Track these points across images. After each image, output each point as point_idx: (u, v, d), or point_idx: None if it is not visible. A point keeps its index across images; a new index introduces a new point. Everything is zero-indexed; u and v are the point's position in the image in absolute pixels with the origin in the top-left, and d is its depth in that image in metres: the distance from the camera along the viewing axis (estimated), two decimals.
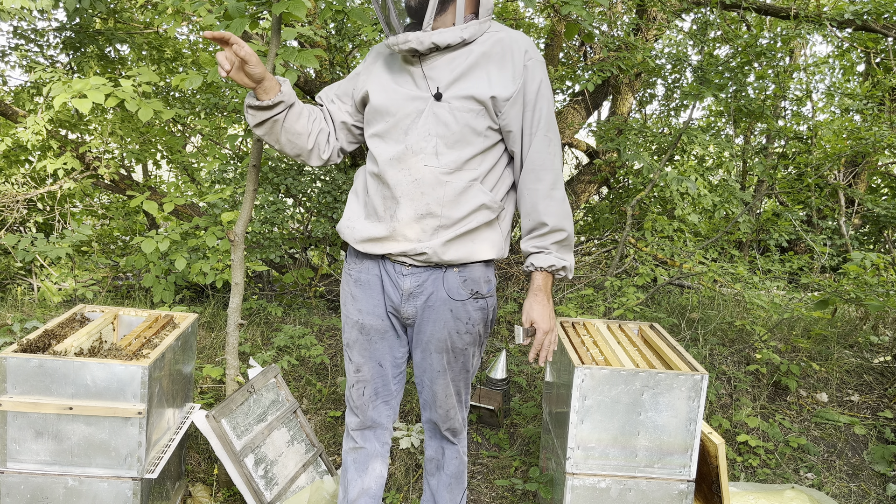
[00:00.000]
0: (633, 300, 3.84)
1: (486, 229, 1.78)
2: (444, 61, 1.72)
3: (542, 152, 1.74)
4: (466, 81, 1.71)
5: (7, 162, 5.41)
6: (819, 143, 6.03)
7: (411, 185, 1.72)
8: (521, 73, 1.72)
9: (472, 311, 1.82)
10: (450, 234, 1.74)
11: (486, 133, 1.73)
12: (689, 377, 2.01)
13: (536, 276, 1.77)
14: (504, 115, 1.73)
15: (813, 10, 5.26)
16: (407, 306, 1.83)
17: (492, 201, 1.75)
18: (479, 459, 2.96)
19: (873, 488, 2.91)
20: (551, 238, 1.75)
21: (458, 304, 1.80)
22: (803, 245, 6.15)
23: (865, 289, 3.42)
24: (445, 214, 1.72)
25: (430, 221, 1.73)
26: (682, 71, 6.13)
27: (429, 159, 1.71)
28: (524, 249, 1.78)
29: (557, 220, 1.74)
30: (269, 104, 1.74)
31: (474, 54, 1.71)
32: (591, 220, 6.53)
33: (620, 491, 2.06)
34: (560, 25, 5.97)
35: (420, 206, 1.72)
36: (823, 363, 3.71)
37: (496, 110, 1.72)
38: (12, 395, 1.87)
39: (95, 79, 3.48)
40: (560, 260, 1.76)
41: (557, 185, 1.75)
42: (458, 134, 1.70)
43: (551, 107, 1.77)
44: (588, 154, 6.17)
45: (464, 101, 1.69)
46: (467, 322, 1.82)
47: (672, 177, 4.90)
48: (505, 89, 1.70)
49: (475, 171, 1.74)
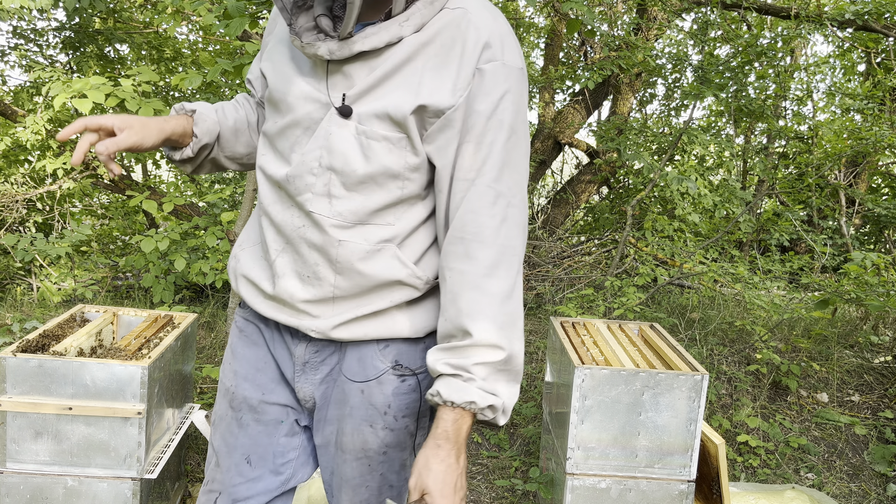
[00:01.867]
0: (633, 300, 3.84)
1: (406, 310, 1.19)
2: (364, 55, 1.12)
3: (480, 212, 1.08)
4: (387, 89, 1.09)
5: (6, 162, 5.41)
6: (820, 143, 6.03)
7: (296, 233, 1.17)
8: (469, 80, 1.07)
9: (391, 394, 1.20)
10: (347, 313, 1.17)
11: (406, 175, 1.12)
12: (689, 377, 2.00)
13: (444, 414, 1.07)
14: (431, 140, 1.10)
15: (813, 10, 5.26)
16: (301, 382, 1.25)
17: (412, 277, 1.16)
18: (479, 459, 2.95)
19: (874, 488, 2.91)
20: (477, 356, 1.07)
21: (373, 384, 1.20)
22: (804, 245, 6.15)
23: (866, 289, 3.42)
24: (340, 285, 1.16)
25: (317, 287, 1.17)
26: (683, 71, 6.13)
27: (317, 202, 1.13)
28: (430, 364, 1.11)
29: (490, 329, 1.07)
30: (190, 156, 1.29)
31: (407, 45, 1.09)
32: (591, 220, 6.53)
33: (620, 491, 2.06)
34: (560, 25, 5.97)
35: (306, 264, 1.17)
36: (824, 363, 3.71)
37: (422, 131, 1.10)
38: (12, 396, 1.87)
39: (95, 78, 3.47)
40: (486, 395, 1.07)
41: (501, 271, 1.08)
42: (365, 175, 1.11)
43: (517, 146, 1.11)
44: (588, 154, 6.17)
45: (378, 122, 1.09)
46: (386, 412, 1.20)
47: (672, 177, 4.90)
48: (439, 98, 1.07)
49: (388, 228, 1.14)
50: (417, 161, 1.12)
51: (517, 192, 1.11)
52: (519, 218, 1.11)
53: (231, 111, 1.35)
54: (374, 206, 1.13)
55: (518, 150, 1.12)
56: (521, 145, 1.12)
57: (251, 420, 1.29)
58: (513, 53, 1.11)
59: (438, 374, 1.10)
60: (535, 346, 4.02)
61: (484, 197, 1.08)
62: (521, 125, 1.12)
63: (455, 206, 1.10)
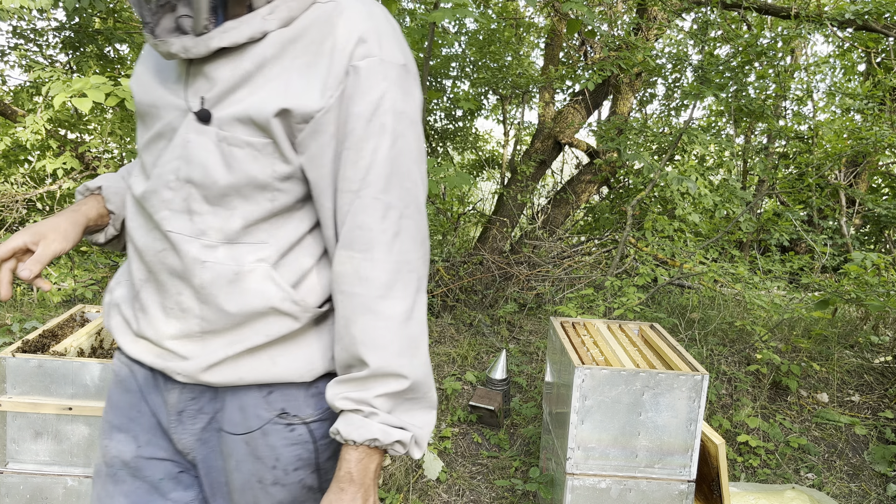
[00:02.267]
0: (633, 300, 3.84)
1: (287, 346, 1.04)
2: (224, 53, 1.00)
3: (369, 228, 0.97)
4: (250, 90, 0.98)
5: (6, 162, 5.41)
6: (820, 143, 6.03)
7: (156, 258, 1.03)
8: (340, 80, 0.96)
9: (280, 445, 1.06)
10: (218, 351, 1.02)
11: (276, 186, 1.00)
12: (689, 377, 2.00)
13: (347, 454, 0.99)
14: (303, 148, 0.98)
15: (814, 9, 5.26)
16: (179, 433, 1.10)
17: (288, 302, 1.01)
18: (479, 459, 2.95)
19: (874, 488, 2.91)
20: (377, 387, 0.97)
21: (257, 436, 1.05)
22: (804, 245, 6.15)
23: (866, 289, 3.42)
24: (208, 317, 1.02)
25: (183, 322, 1.03)
26: (683, 70, 6.13)
27: (176, 220, 1.01)
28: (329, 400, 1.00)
29: (388, 356, 0.96)
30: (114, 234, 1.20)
31: (272, 41, 0.98)
32: (591, 220, 6.53)
33: (621, 491, 2.06)
34: (560, 25, 5.97)
35: (167, 298, 1.03)
36: (824, 363, 3.71)
37: (291, 139, 0.98)
38: (12, 396, 1.87)
39: (95, 78, 3.47)
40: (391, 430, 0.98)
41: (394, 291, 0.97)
42: (227, 186, 0.99)
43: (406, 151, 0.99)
44: (588, 154, 6.17)
45: (241, 126, 0.97)
46: (275, 466, 1.06)
47: (672, 176, 4.90)
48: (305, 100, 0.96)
49: (262, 246, 1.01)
50: (288, 170, 0.99)
51: (410, 202, 1.00)
52: (414, 230, 1.00)
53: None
54: (242, 223, 1.00)
55: (407, 155, 1.00)
56: (409, 149, 1.00)
57: (127, 476, 1.13)
58: (391, 48, 0.99)
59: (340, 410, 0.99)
60: (535, 346, 4.02)
61: (371, 210, 0.97)
62: (407, 127, 0.99)
63: (341, 221, 0.99)
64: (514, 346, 4.02)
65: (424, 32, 4.43)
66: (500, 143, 7.89)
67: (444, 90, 6.88)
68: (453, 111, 7.09)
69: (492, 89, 7.03)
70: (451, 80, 6.97)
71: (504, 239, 5.83)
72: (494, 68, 6.86)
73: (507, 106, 7.50)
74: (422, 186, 1.03)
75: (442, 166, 4.14)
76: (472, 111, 7.05)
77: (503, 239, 5.82)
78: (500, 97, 7.32)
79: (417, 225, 1.01)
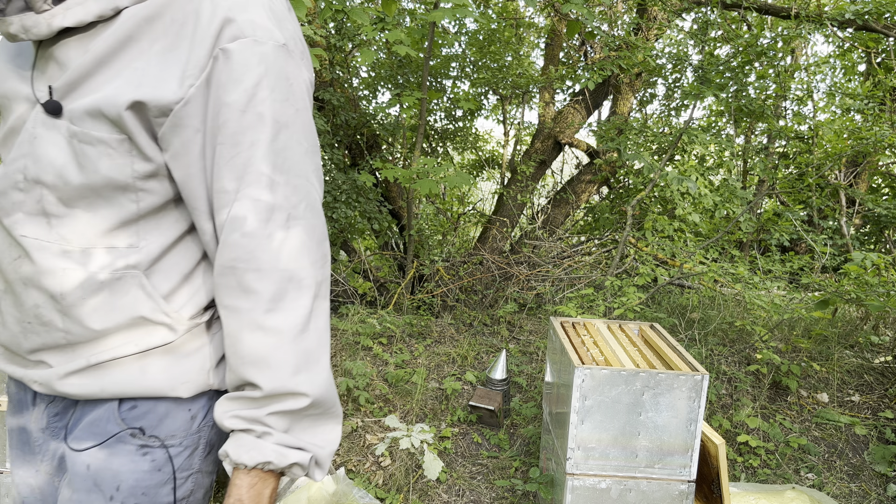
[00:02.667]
0: (633, 300, 3.84)
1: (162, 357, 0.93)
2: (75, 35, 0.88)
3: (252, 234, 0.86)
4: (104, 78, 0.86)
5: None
6: (820, 143, 6.03)
7: (10, 265, 0.92)
8: (203, 65, 0.84)
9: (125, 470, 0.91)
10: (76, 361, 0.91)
11: (139, 186, 0.89)
12: (689, 377, 2.00)
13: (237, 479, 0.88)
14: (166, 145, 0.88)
15: (814, 9, 5.26)
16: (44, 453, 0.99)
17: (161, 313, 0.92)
18: (479, 460, 2.95)
19: (874, 489, 2.91)
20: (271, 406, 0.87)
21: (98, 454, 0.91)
22: (804, 245, 6.15)
23: (866, 289, 3.42)
24: (71, 329, 0.91)
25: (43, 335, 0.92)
26: (683, 70, 6.13)
27: (31, 225, 0.90)
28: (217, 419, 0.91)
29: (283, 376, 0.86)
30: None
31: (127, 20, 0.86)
32: (591, 220, 6.53)
33: (621, 491, 2.06)
34: (560, 25, 5.97)
35: (26, 306, 0.92)
36: (824, 363, 3.71)
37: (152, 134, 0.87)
38: None
39: None
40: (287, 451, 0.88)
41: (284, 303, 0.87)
42: (82, 187, 0.87)
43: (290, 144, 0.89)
44: (588, 154, 6.17)
45: (91, 121, 0.85)
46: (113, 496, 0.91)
47: (672, 176, 4.90)
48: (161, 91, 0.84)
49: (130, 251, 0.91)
50: (149, 168, 0.88)
51: (300, 201, 0.89)
52: (307, 232, 0.88)
53: None
54: (105, 225, 0.89)
55: (293, 148, 0.89)
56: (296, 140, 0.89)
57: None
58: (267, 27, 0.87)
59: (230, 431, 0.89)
60: (535, 346, 4.02)
61: (253, 214, 0.85)
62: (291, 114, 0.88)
63: (219, 226, 0.87)
64: (514, 346, 4.03)
65: (424, 32, 4.43)
66: (500, 143, 7.90)
67: (444, 90, 6.88)
68: (453, 111, 7.09)
69: (492, 89, 7.04)
70: (451, 80, 6.97)
71: (504, 239, 5.83)
72: (494, 68, 6.86)
73: (507, 106, 7.50)
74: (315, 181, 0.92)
75: (442, 166, 4.14)
76: (472, 111, 7.05)
77: (503, 239, 5.82)
78: (500, 97, 7.33)
79: (310, 225, 0.89)
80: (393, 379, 3.42)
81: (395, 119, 6.17)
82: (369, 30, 4.32)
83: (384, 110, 5.68)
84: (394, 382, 3.41)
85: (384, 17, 3.95)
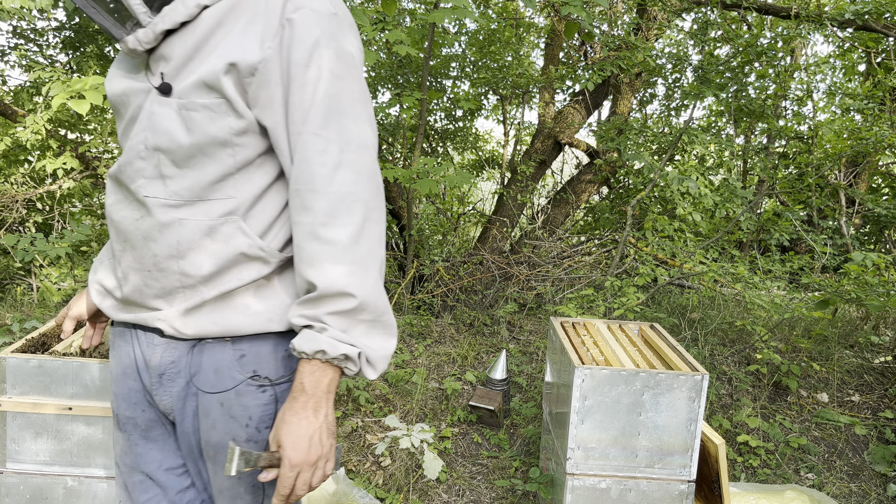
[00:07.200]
0: (633, 300, 3.84)
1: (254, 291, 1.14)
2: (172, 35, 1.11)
3: (310, 161, 1.06)
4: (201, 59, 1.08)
5: (6, 162, 5.41)
6: (820, 143, 6.03)
7: (133, 225, 1.14)
8: (276, 32, 1.06)
9: (253, 405, 1.15)
10: (192, 299, 1.13)
11: (235, 141, 1.09)
12: (689, 377, 2.00)
13: (301, 366, 1.07)
14: (254, 101, 1.08)
15: (814, 9, 5.26)
16: (161, 394, 1.20)
17: (257, 248, 1.11)
18: (479, 460, 2.95)
19: (874, 489, 2.91)
20: (327, 306, 1.05)
21: (230, 395, 1.14)
22: (804, 245, 6.15)
23: (866, 289, 3.42)
24: (182, 270, 1.12)
25: (161, 280, 1.13)
26: (683, 71, 6.13)
27: (151, 186, 1.11)
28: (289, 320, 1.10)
29: (335, 277, 1.04)
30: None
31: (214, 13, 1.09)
32: (591, 220, 6.53)
33: (621, 491, 2.06)
34: (560, 25, 5.97)
35: (145, 258, 1.13)
36: (824, 363, 3.71)
37: (242, 94, 1.08)
38: (12, 396, 1.87)
39: (94, 78, 3.47)
40: (338, 344, 1.05)
41: (338, 219, 1.05)
42: (191, 147, 1.09)
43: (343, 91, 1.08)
44: (588, 154, 6.17)
45: (196, 91, 1.07)
46: (248, 424, 1.15)
47: (673, 177, 4.90)
48: (246, 53, 1.06)
49: (230, 200, 1.11)
50: (243, 124, 1.09)
51: (352, 138, 1.08)
52: (357, 164, 1.07)
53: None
54: (209, 179, 1.10)
55: (347, 95, 1.09)
56: (348, 88, 1.09)
57: (139, 438, 1.26)
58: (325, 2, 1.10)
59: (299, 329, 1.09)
60: (535, 346, 4.02)
61: (312, 145, 1.06)
62: (343, 69, 1.09)
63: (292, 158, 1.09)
64: (514, 346, 4.03)
65: (424, 32, 4.43)
66: (500, 143, 7.89)
67: (444, 90, 6.88)
68: (453, 111, 7.09)
69: (492, 89, 7.03)
70: (451, 80, 6.97)
71: (504, 239, 5.83)
72: (494, 68, 6.86)
73: (507, 106, 7.50)
74: (367, 125, 1.11)
75: (442, 166, 4.14)
76: (472, 111, 7.05)
77: (503, 239, 5.82)
78: (500, 97, 7.32)
79: (361, 159, 1.08)
80: (393, 379, 3.42)
81: (396, 119, 6.17)
82: (369, 30, 4.32)
83: (384, 110, 5.67)
84: (394, 382, 3.41)
85: (384, 17, 3.94)
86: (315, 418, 1.07)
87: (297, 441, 1.06)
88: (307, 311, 1.07)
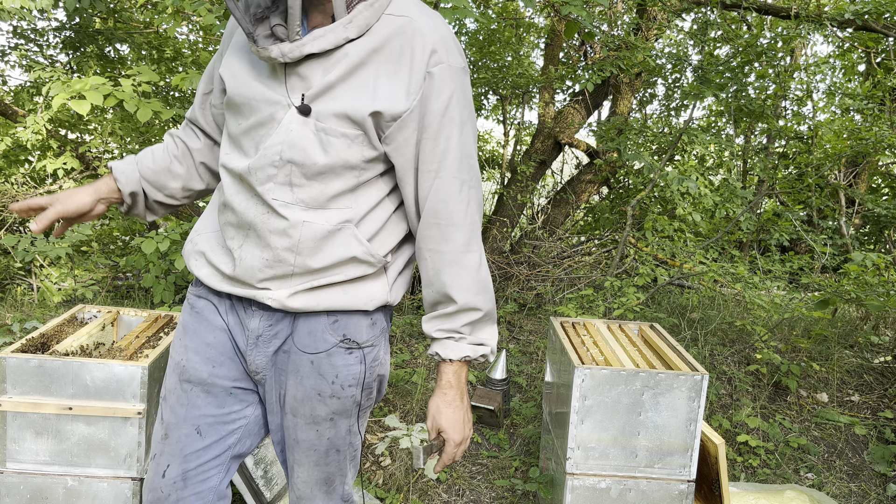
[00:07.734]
0: (633, 300, 3.84)
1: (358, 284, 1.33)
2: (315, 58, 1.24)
3: (450, 200, 1.27)
4: (344, 91, 1.22)
5: (7, 162, 5.41)
6: (819, 143, 6.03)
7: (258, 218, 1.28)
8: (420, 84, 1.22)
9: (340, 365, 1.33)
10: (302, 285, 1.29)
11: (363, 166, 1.26)
12: (689, 377, 2.00)
13: (445, 368, 1.33)
14: (389, 140, 1.25)
15: (813, 9, 5.26)
16: (255, 354, 1.36)
17: (367, 254, 1.29)
18: (479, 459, 2.95)
19: (873, 488, 2.91)
20: (462, 319, 1.31)
21: (322, 356, 1.33)
22: (804, 245, 6.15)
23: (866, 289, 3.42)
24: (299, 263, 1.28)
25: (276, 268, 1.29)
26: (683, 71, 6.13)
27: (279, 191, 1.26)
28: (426, 331, 1.34)
29: (470, 295, 1.30)
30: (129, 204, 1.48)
31: (359, 50, 1.22)
32: (591, 220, 6.53)
33: (620, 491, 2.06)
34: (560, 25, 5.97)
35: (266, 251, 1.28)
36: (824, 363, 3.71)
37: (379, 132, 1.24)
38: (12, 396, 1.87)
39: (94, 79, 3.47)
40: (477, 347, 1.33)
41: (472, 246, 1.30)
42: (324, 167, 1.24)
43: (468, 136, 1.28)
44: (588, 154, 6.17)
45: (337, 121, 1.22)
46: (334, 381, 1.34)
47: (673, 176, 4.90)
48: (393, 104, 1.21)
49: (347, 210, 1.28)
50: (374, 154, 1.25)
51: (474, 175, 1.31)
52: (478, 197, 1.32)
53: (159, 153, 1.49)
54: (332, 193, 1.26)
55: (470, 139, 1.29)
56: (471, 134, 1.30)
57: (201, 392, 1.38)
58: (456, 55, 1.26)
59: (433, 338, 1.34)
60: (535, 346, 4.03)
61: (450, 186, 1.27)
62: (468, 116, 1.28)
63: (424, 195, 1.28)
64: (514, 346, 4.03)
65: None
66: (500, 143, 7.89)
67: None
68: None
69: (492, 89, 7.04)
70: None
71: (504, 239, 5.83)
72: (494, 68, 6.86)
73: (507, 106, 7.50)
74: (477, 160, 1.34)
75: None
76: None
77: (503, 239, 5.82)
78: (500, 97, 7.32)
79: (479, 192, 1.33)
80: (393, 379, 3.42)
81: None
82: None
83: None
84: (394, 382, 3.41)
85: None
86: (462, 405, 1.35)
87: (456, 424, 1.34)
88: (445, 326, 1.32)
